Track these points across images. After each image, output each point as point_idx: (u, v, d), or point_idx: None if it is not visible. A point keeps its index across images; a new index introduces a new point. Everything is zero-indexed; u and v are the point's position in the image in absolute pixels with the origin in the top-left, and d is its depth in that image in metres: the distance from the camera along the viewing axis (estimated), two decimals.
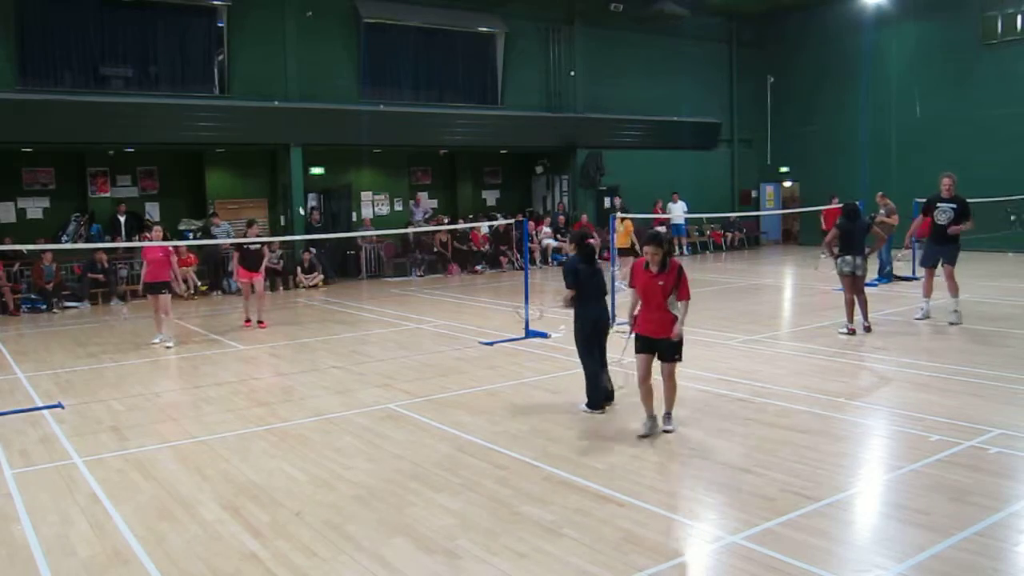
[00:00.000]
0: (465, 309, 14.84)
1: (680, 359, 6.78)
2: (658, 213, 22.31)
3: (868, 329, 10.84)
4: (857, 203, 11.78)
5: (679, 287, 6.59)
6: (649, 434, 6.63)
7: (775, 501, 5.21)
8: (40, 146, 18.02)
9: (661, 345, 6.67)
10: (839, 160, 25.49)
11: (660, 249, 6.60)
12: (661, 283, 6.57)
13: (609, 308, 7.86)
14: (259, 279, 13.25)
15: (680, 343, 6.70)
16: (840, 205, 20.06)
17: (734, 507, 5.19)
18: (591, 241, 7.81)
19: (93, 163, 19.09)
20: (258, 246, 13.26)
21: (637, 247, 16.78)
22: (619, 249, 16.25)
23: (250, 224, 14.52)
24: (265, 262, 13.66)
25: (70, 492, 5.83)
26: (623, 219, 16.17)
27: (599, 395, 7.54)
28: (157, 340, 11.98)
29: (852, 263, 10.78)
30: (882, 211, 16.03)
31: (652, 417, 6.75)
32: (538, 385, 8.67)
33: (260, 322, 13.14)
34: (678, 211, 23.35)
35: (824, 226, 21.64)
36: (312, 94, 19.53)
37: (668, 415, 6.84)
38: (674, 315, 6.58)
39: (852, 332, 10.82)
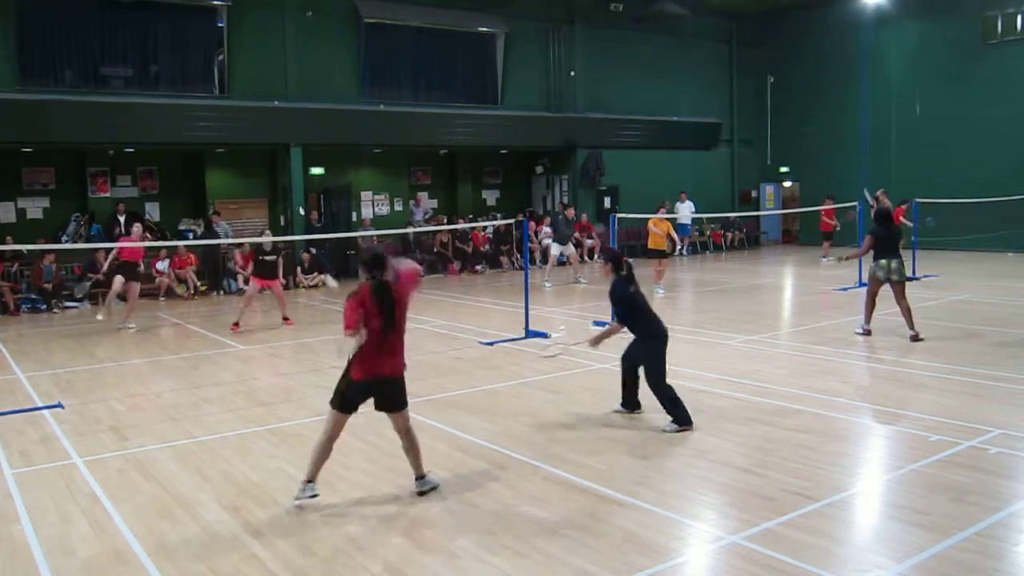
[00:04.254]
0: (465, 309, 14.84)
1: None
2: (661, 213, 22.30)
3: (916, 338, 10.15)
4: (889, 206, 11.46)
5: None
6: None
7: (775, 501, 5.21)
8: (40, 146, 18.02)
9: None
10: (839, 160, 25.50)
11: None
12: None
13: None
14: (276, 284, 13.10)
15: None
16: (836, 206, 20.16)
17: (734, 507, 5.19)
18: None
19: (93, 163, 19.09)
20: (273, 257, 12.88)
21: (678, 245, 16.63)
22: (651, 250, 16.17)
23: (261, 233, 13.96)
24: (280, 271, 13.29)
25: (70, 492, 5.82)
26: (660, 219, 16.09)
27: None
28: (124, 325, 13.17)
29: (887, 268, 10.32)
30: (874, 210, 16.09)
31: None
32: (538, 385, 8.66)
33: (285, 318, 13.21)
34: (685, 211, 23.33)
35: (822, 227, 21.68)
36: (312, 94, 19.53)
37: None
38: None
39: (868, 333, 10.60)
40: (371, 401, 5.46)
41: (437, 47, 21.97)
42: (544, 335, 11.32)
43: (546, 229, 22.76)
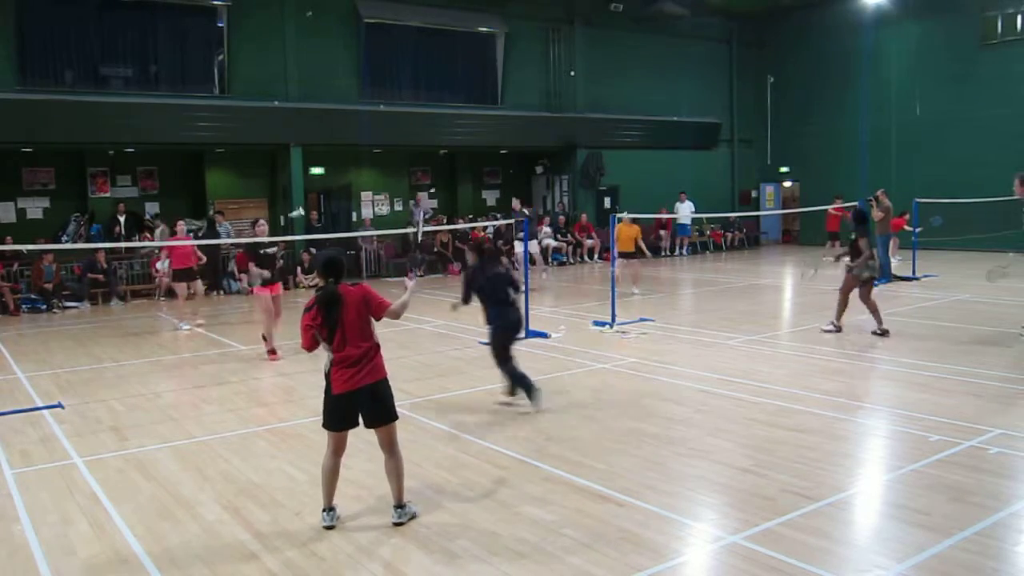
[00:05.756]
0: (465, 309, 14.78)
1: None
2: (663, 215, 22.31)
3: (884, 333, 10.60)
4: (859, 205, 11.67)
5: None
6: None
7: (775, 501, 5.21)
8: (40, 146, 18.02)
9: None
10: (839, 160, 25.50)
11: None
12: None
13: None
14: (279, 293, 10.98)
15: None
16: (844, 206, 20.16)
17: (734, 507, 5.19)
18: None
19: (93, 163, 19.10)
20: (274, 250, 10.97)
21: (644, 249, 16.42)
22: (621, 253, 15.71)
23: (254, 223, 11.55)
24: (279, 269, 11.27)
25: (70, 492, 5.82)
26: (630, 221, 15.76)
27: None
28: (187, 327, 13.00)
29: (872, 267, 10.59)
30: (874, 209, 16.13)
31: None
32: (538, 385, 8.65)
33: (271, 351, 10.68)
34: (685, 211, 23.35)
35: (828, 227, 21.69)
36: (312, 94, 19.53)
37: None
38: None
39: (839, 329, 10.90)
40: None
41: (437, 47, 21.97)
42: (544, 335, 11.31)
43: (546, 229, 22.78)
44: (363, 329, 5.02)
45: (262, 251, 10.78)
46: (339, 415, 5.03)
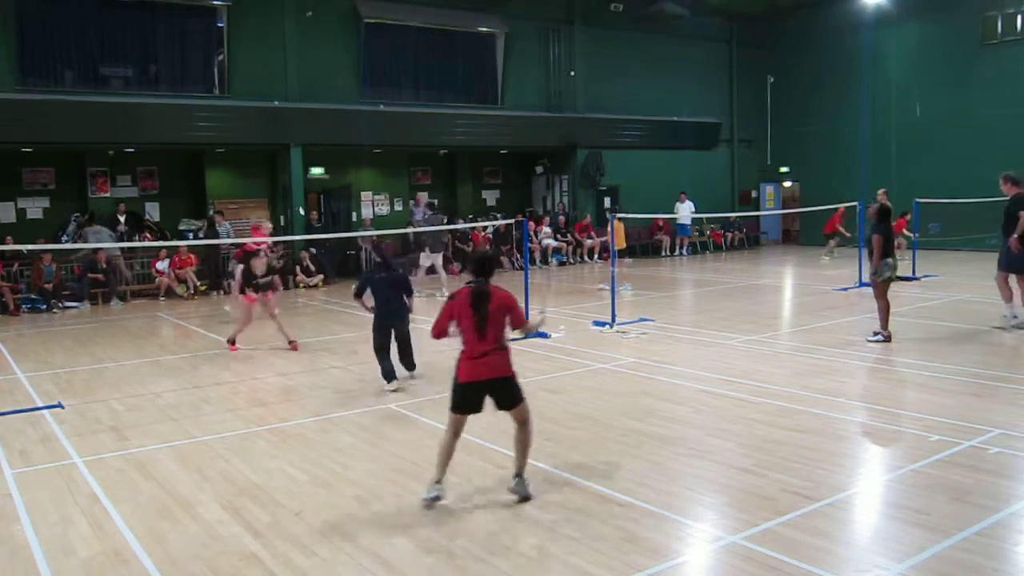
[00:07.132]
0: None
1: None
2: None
3: (887, 338, 10.16)
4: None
5: None
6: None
7: (775, 501, 5.21)
8: (40, 146, 18.01)
9: None
10: (839, 160, 25.50)
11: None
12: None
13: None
14: (270, 299, 11.14)
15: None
16: (849, 205, 20.12)
17: (734, 507, 5.18)
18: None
19: (93, 163, 19.07)
20: (269, 279, 11.04)
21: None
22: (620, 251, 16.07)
23: (255, 230, 11.61)
24: (274, 280, 11.33)
25: (70, 492, 5.82)
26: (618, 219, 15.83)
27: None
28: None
29: (893, 266, 10.14)
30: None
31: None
32: (538, 385, 8.65)
33: (291, 342, 11.15)
34: (685, 211, 23.36)
35: (824, 230, 21.70)
36: (312, 94, 19.53)
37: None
38: None
39: (888, 339, 10.17)
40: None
41: (437, 47, 21.97)
42: (544, 335, 11.31)
43: (546, 229, 22.79)
44: (498, 328, 5.39)
45: (255, 281, 11.05)
46: (462, 401, 5.42)
